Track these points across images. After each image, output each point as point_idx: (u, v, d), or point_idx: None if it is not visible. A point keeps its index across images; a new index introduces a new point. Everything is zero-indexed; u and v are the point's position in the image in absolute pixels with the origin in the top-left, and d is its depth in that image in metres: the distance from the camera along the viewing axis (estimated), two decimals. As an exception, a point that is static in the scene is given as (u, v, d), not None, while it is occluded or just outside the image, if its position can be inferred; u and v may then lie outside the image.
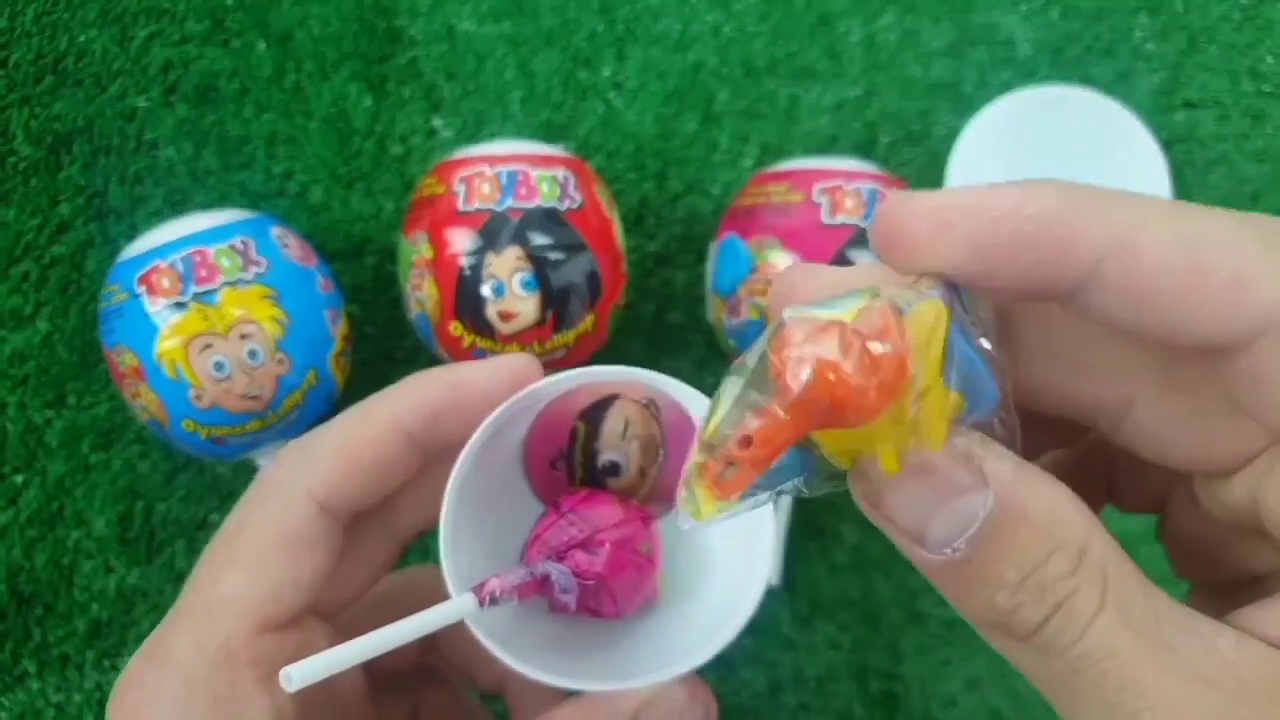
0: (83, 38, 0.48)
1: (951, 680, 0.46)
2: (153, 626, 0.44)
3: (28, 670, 0.44)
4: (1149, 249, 0.16)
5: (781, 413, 0.16)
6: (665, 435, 0.27)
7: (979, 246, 0.16)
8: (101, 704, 0.44)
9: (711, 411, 0.17)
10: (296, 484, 0.24)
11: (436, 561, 0.24)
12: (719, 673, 0.46)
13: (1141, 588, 0.16)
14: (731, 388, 0.17)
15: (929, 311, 0.16)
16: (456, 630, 0.24)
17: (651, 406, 0.26)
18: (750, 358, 0.17)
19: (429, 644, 0.31)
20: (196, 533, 0.45)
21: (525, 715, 0.28)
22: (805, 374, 0.16)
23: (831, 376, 0.16)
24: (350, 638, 0.22)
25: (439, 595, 0.28)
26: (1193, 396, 0.18)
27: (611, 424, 0.27)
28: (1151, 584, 0.16)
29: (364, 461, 0.25)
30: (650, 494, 0.28)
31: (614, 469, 0.27)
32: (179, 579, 0.45)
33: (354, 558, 0.27)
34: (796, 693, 0.46)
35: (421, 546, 0.45)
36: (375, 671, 0.29)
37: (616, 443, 0.27)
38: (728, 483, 0.17)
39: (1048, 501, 0.16)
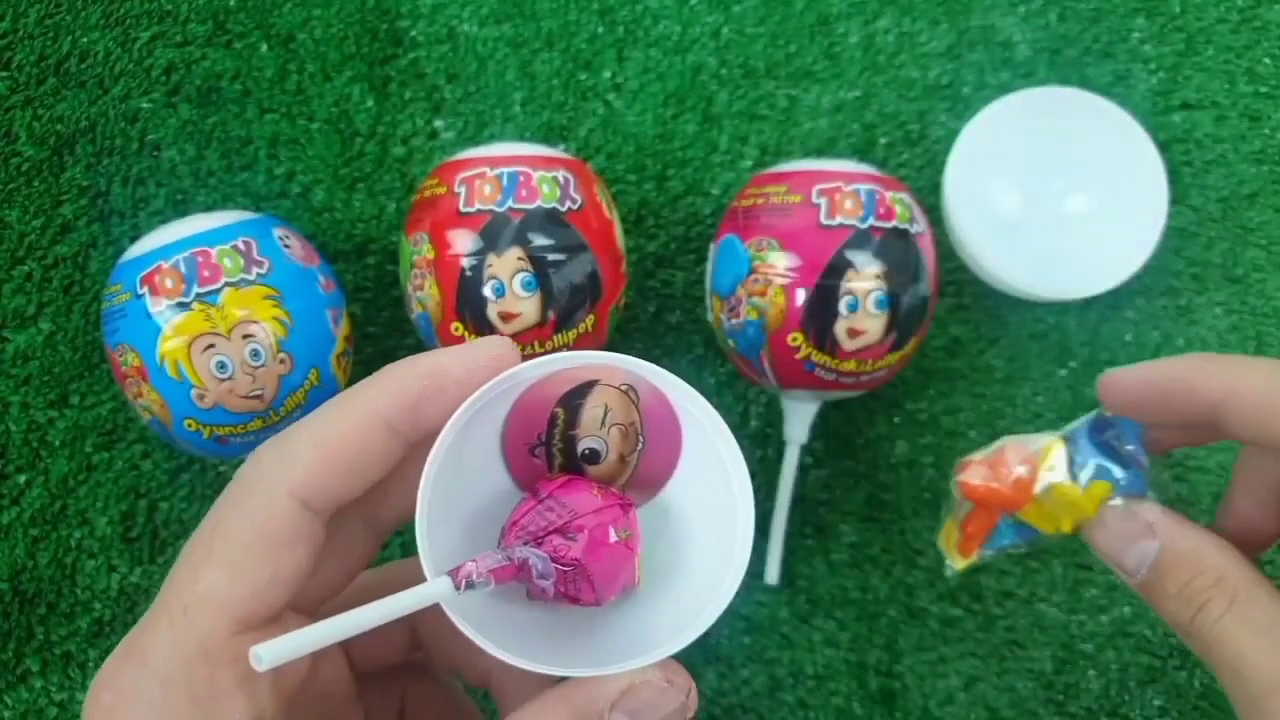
0: (85, 39, 0.48)
1: (949, 677, 0.46)
2: (155, 625, 0.44)
3: (30, 669, 0.44)
4: (1243, 396, 0.26)
5: (966, 509, 0.31)
6: (644, 421, 0.27)
7: (1147, 405, 0.28)
8: (104, 702, 0.44)
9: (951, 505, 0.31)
10: (276, 481, 0.24)
11: (417, 556, 0.24)
12: (718, 671, 0.46)
13: (1261, 603, 0.25)
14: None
15: (1043, 442, 0.29)
16: (442, 623, 0.24)
17: (630, 393, 0.26)
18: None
19: (415, 639, 0.31)
20: (199, 532, 0.45)
21: (511, 706, 0.28)
22: (960, 489, 0.30)
23: (978, 488, 0.30)
24: None
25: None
26: None
27: (590, 411, 0.27)
28: (1275, 600, 0.25)
29: (344, 455, 0.24)
30: (630, 481, 0.28)
31: (593, 456, 0.27)
32: (181, 578, 0.45)
33: (333, 552, 0.26)
34: (795, 690, 0.46)
35: (402, 543, 0.46)
36: (362, 668, 0.29)
37: (595, 430, 0.27)
38: (964, 547, 0.31)
39: (1194, 545, 0.27)
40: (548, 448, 0.27)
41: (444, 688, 0.33)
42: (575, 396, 0.26)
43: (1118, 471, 0.28)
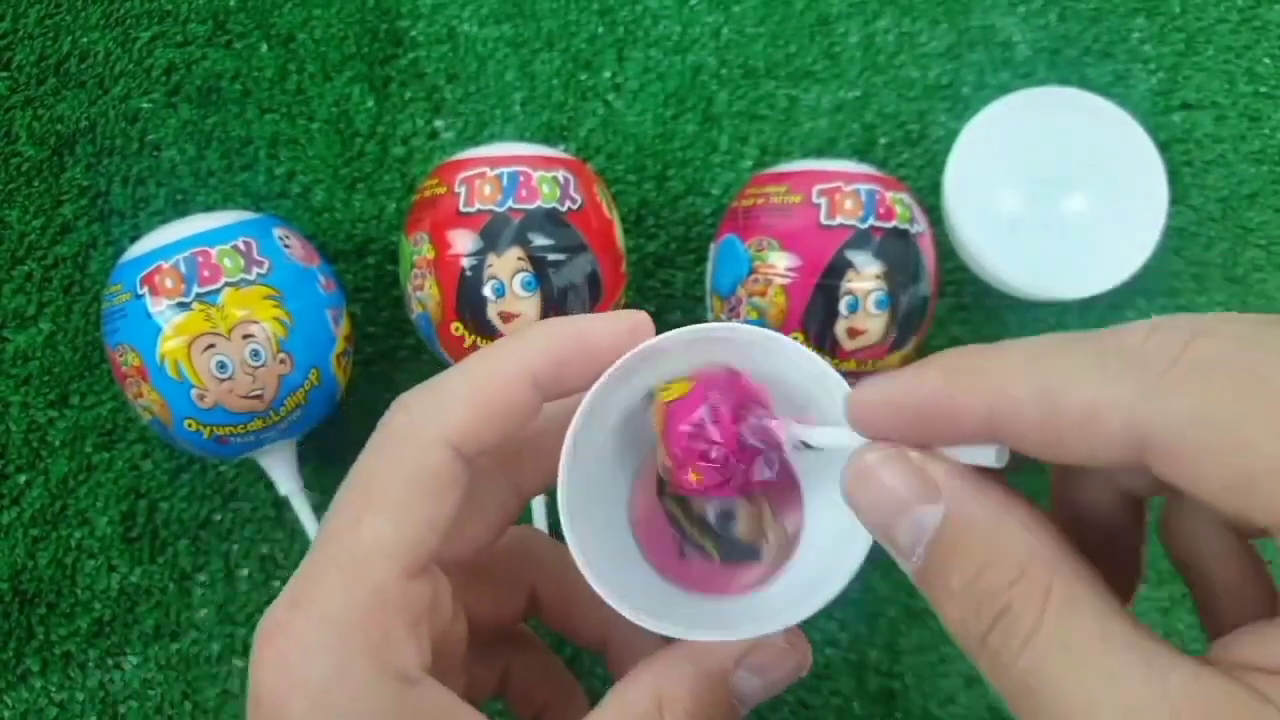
0: (85, 39, 0.48)
1: (950, 677, 0.46)
2: (156, 625, 0.44)
3: (30, 669, 0.44)
4: (1011, 411, 0.18)
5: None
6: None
7: (911, 435, 0.20)
8: (104, 702, 0.44)
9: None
10: (430, 429, 0.25)
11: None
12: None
13: (1094, 610, 0.17)
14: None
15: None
16: (561, 587, 0.26)
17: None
18: None
19: (533, 602, 0.32)
20: (199, 532, 0.45)
21: (627, 668, 0.29)
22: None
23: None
24: (465, 594, 0.25)
25: (551, 553, 0.31)
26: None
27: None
28: (1115, 608, 0.17)
29: (494, 406, 0.25)
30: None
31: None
32: (182, 577, 0.45)
33: (477, 508, 0.27)
34: (795, 690, 0.46)
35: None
36: (475, 632, 0.29)
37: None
38: None
39: (994, 516, 0.18)
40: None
41: (548, 659, 0.34)
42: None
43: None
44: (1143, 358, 0.17)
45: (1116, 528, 0.23)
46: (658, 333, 0.26)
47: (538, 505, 0.43)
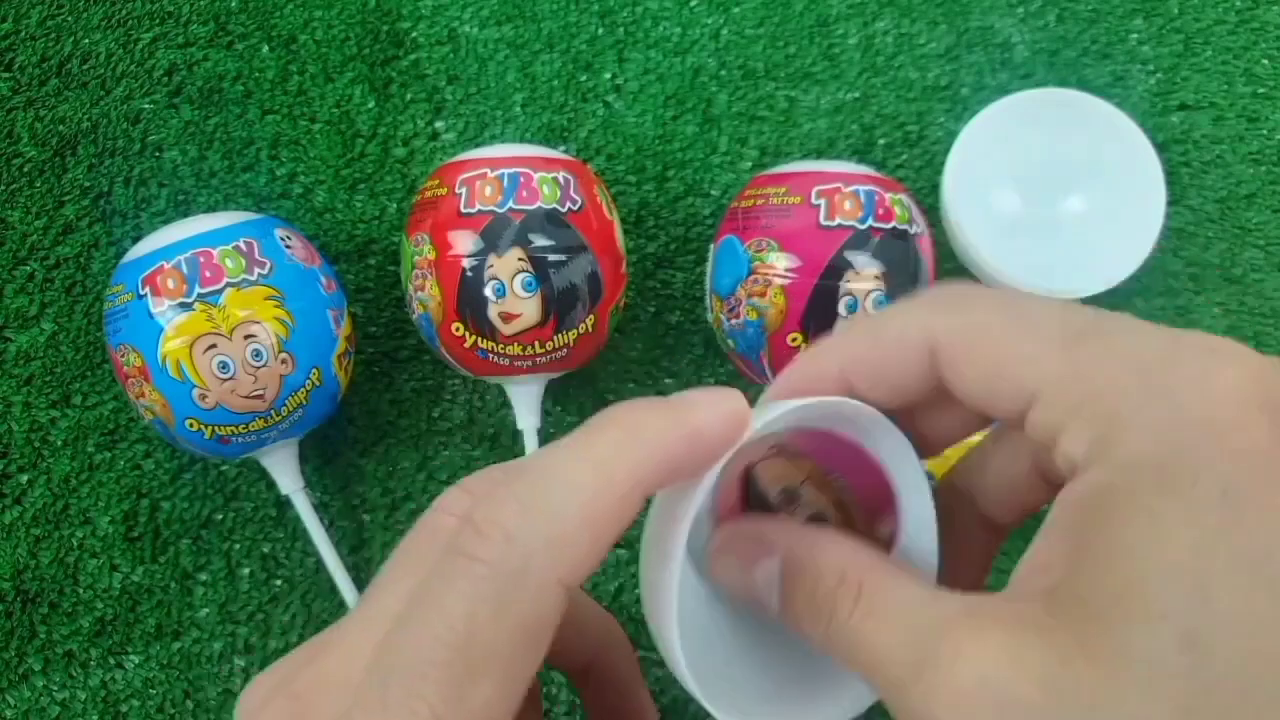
0: (87, 41, 0.49)
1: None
2: (158, 624, 0.44)
3: (32, 668, 0.44)
4: (853, 352, 0.24)
5: None
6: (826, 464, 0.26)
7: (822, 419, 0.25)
8: (106, 701, 0.44)
9: None
10: (547, 572, 0.20)
11: None
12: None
13: (889, 587, 0.22)
14: None
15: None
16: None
17: (784, 452, 0.26)
18: None
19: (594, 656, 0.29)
20: (201, 531, 0.45)
21: (610, 699, 0.28)
22: None
23: None
24: None
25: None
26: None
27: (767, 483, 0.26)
28: (904, 579, 0.22)
29: (608, 532, 0.21)
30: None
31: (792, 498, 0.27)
32: (183, 576, 0.45)
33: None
34: (795, 690, 0.46)
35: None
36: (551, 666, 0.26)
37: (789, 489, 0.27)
38: None
39: (809, 546, 0.23)
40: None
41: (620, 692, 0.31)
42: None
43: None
44: (938, 294, 0.24)
45: (977, 543, 0.27)
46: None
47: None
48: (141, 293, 0.38)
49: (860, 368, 0.24)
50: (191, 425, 0.39)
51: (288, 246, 0.41)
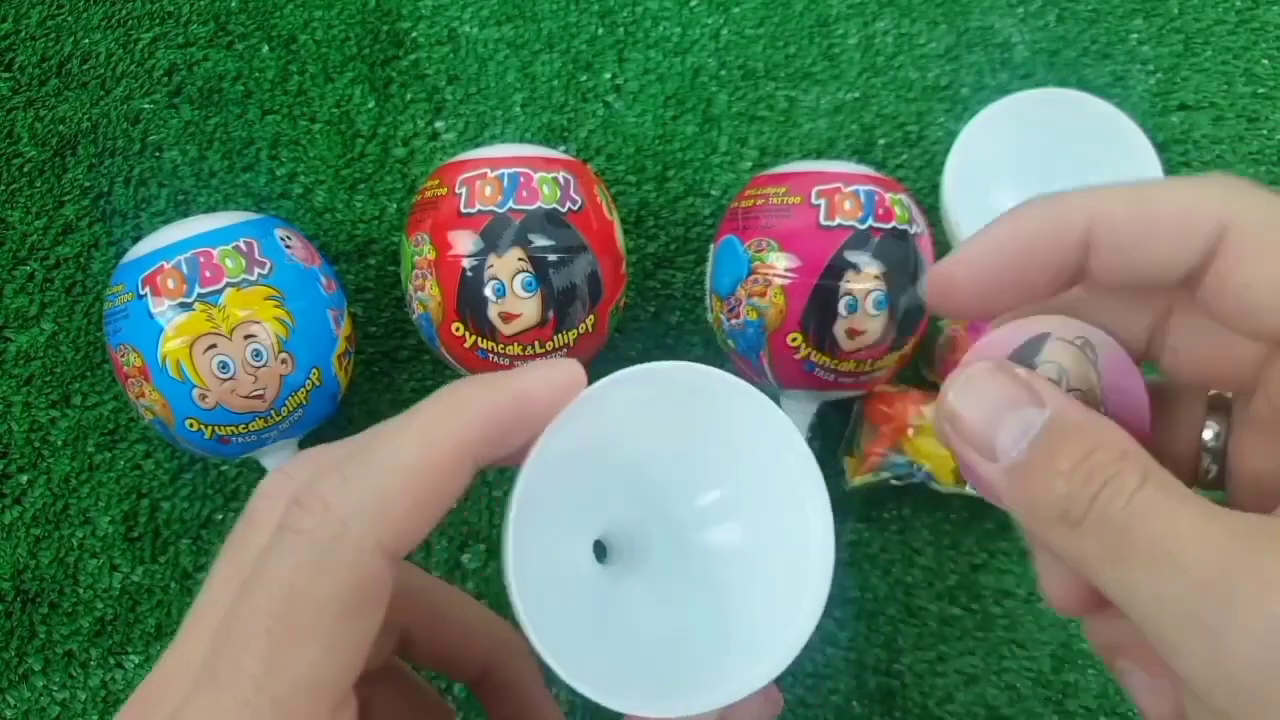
0: (87, 41, 0.49)
1: (949, 676, 0.46)
2: (158, 624, 0.44)
3: (32, 668, 0.44)
4: (1111, 209, 0.21)
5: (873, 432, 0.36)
6: (1102, 384, 0.24)
7: (1007, 267, 0.23)
8: (106, 701, 0.44)
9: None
10: (364, 534, 0.20)
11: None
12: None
13: (1181, 487, 0.19)
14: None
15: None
16: (436, 625, 0.22)
17: (1087, 349, 0.23)
18: None
19: (404, 642, 0.28)
20: (201, 530, 0.45)
21: (506, 704, 0.26)
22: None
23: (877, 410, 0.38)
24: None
25: (424, 587, 0.27)
26: (1202, 326, 0.22)
27: (1043, 369, 0.24)
28: (1196, 495, 0.19)
29: (432, 498, 0.21)
30: None
31: None
32: (184, 576, 0.45)
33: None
34: (794, 689, 0.46)
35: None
36: None
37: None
38: (863, 465, 0.41)
39: (1093, 419, 0.21)
40: None
41: (416, 691, 0.30)
42: (1027, 353, 0.23)
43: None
44: (1225, 177, 0.21)
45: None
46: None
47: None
48: (141, 293, 0.38)
49: (1116, 228, 0.21)
50: (191, 425, 0.39)
51: (288, 246, 0.41)
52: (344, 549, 0.20)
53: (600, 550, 0.28)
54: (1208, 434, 0.24)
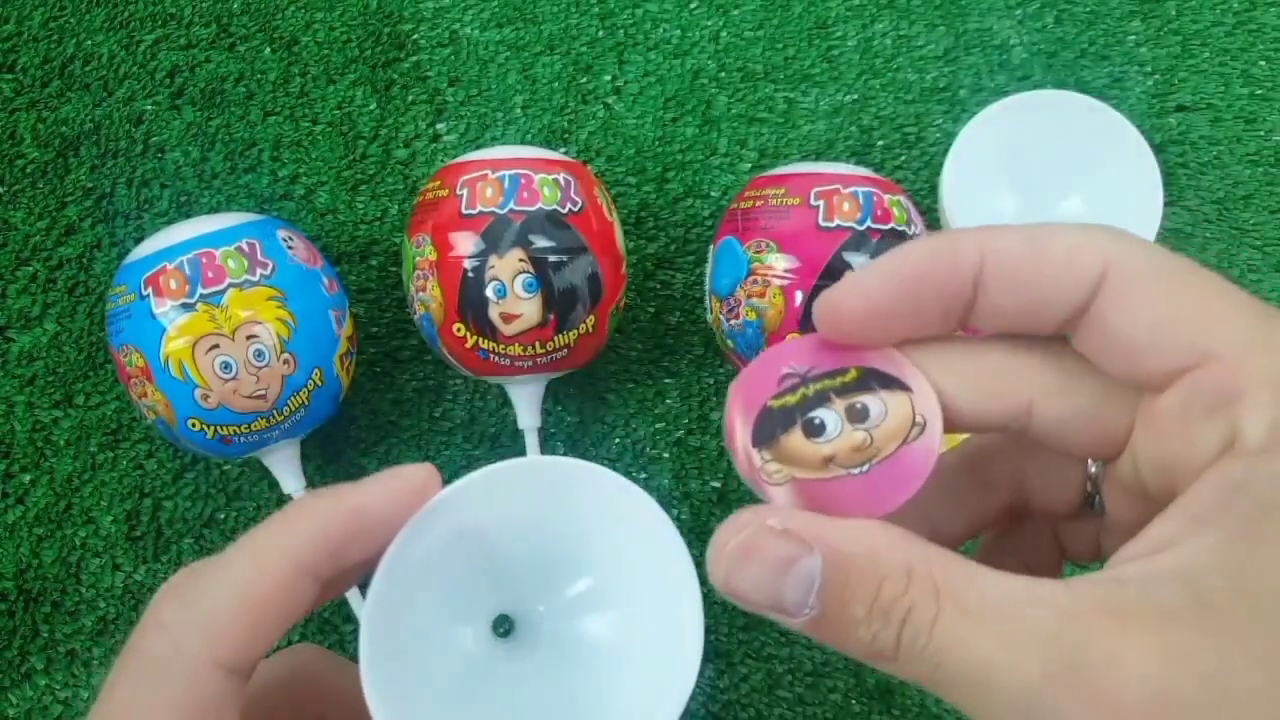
0: (90, 42, 0.49)
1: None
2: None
3: (35, 667, 0.44)
4: (1003, 247, 0.21)
5: None
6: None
7: (899, 299, 0.22)
8: (109, 699, 0.44)
9: None
10: (196, 653, 0.21)
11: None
12: (716, 667, 0.47)
13: (970, 579, 0.19)
14: None
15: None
16: (360, 712, 0.22)
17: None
18: None
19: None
20: (203, 530, 0.46)
21: None
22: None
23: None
24: None
25: (339, 678, 0.27)
26: (1078, 386, 0.22)
27: (821, 418, 0.23)
28: (979, 569, 0.19)
29: (268, 615, 0.22)
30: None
31: (819, 428, 0.23)
32: (185, 576, 0.45)
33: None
34: (793, 687, 0.46)
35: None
36: None
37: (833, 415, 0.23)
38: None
39: (865, 545, 0.20)
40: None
41: None
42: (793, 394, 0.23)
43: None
44: (1106, 227, 0.21)
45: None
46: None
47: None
48: (144, 293, 0.38)
49: (1007, 265, 0.21)
50: (194, 425, 0.39)
51: (290, 247, 0.41)
52: (178, 667, 0.21)
53: (511, 623, 0.27)
54: (1091, 467, 0.24)
